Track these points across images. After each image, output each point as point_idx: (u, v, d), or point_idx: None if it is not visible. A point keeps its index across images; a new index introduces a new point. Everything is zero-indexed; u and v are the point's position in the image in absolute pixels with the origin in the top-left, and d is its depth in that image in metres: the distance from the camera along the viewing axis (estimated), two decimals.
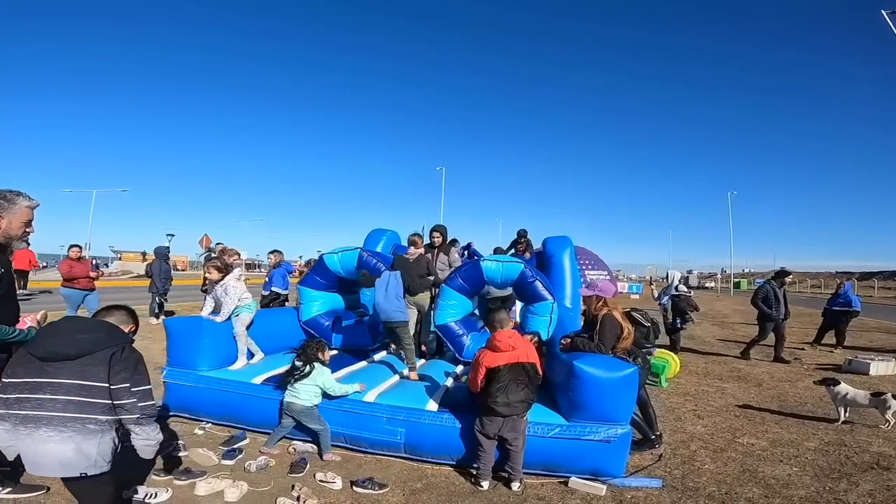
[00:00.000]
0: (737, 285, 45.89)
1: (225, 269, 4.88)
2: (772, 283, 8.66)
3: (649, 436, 4.08)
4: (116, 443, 2.18)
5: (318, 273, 5.90)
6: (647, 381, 6.52)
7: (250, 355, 4.75)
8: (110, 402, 2.11)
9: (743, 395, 6.12)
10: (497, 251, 8.15)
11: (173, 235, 29.95)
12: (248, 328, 4.75)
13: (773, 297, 8.37)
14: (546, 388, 4.02)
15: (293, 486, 3.07)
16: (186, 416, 4.35)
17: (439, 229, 6.59)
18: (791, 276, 9.92)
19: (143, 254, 37.93)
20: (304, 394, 3.76)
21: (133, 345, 2.33)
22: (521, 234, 8.58)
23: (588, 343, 3.90)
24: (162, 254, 10.69)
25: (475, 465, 3.41)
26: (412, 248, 6.16)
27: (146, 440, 2.21)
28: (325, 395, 3.85)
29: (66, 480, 2.18)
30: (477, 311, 6.56)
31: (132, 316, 2.55)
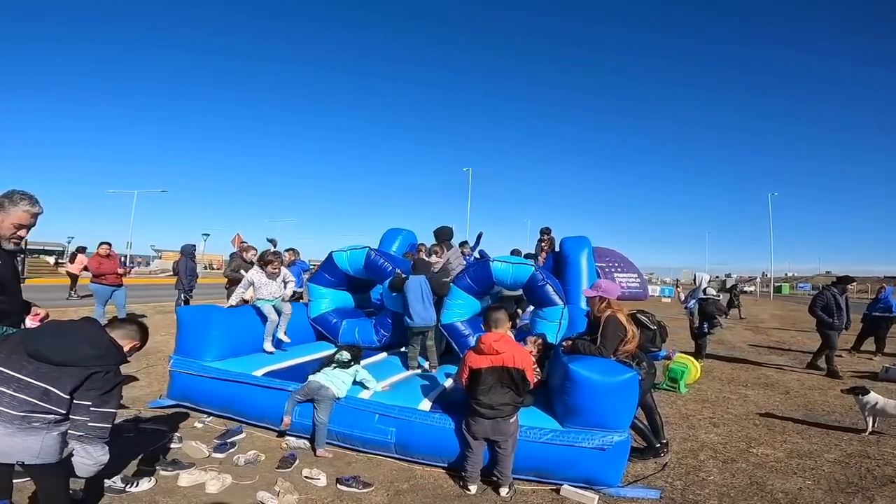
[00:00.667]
0: (778, 290, 43.95)
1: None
2: (832, 289, 7.85)
3: (654, 444, 3.89)
4: (63, 438, 2.16)
5: (326, 270, 5.93)
6: (666, 387, 6.31)
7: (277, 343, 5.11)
8: (65, 411, 2.12)
9: (767, 402, 5.81)
10: (514, 253, 8.02)
11: (208, 235, 30.91)
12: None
13: (835, 304, 7.62)
14: (546, 391, 3.90)
15: (277, 481, 3.06)
16: (189, 406, 4.42)
17: (442, 231, 6.45)
18: (855, 283, 9.04)
19: None
20: (339, 382, 3.87)
21: (122, 365, 2.34)
22: (544, 231, 8.37)
23: (589, 345, 3.75)
24: (188, 252, 10.95)
25: (465, 468, 3.33)
26: (434, 256, 6.27)
27: (84, 458, 2.17)
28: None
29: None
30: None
31: (141, 332, 2.53)
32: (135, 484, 2.85)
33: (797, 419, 5.05)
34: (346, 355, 4.13)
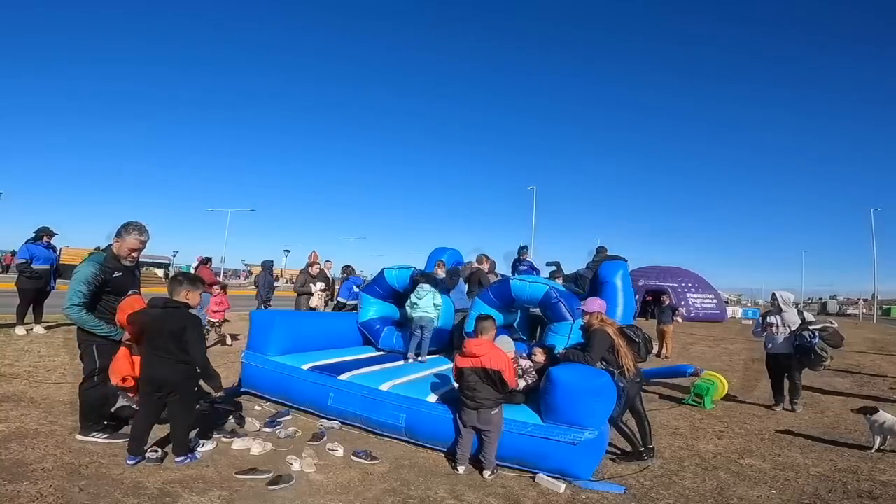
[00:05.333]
0: (886, 312, 39.13)
1: None
2: None
3: (638, 448, 4.27)
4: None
5: (377, 284, 6.88)
6: (691, 402, 6.49)
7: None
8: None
9: (792, 420, 5.84)
10: (553, 275, 8.49)
11: (290, 251, 33.57)
12: None
13: None
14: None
15: (304, 450, 3.89)
16: (254, 392, 5.42)
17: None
18: None
19: None
20: (423, 307, 5.82)
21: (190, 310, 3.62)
22: (600, 251, 8.81)
23: (578, 354, 4.29)
24: (267, 267, 12.47)
25: (455, 452, 3.96)
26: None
27: None
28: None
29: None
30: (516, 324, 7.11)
31: (189, 280, 3.69)
32: (202, 445, 3.80)
33: (811, 436, 5.12)
34: (425, 287, 5.98)
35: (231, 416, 4.58)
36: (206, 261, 10.78)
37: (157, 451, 3.54)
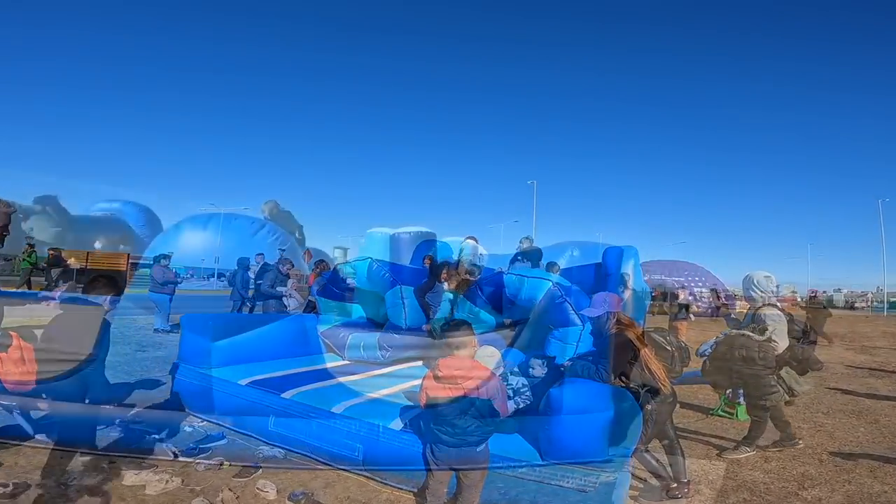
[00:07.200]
0: (892, 306, 38.08)
1: None
2: None
3: (669, 482, 3.27)
4: None
5: (333, 283, 5.86)
6: (722, 413, 5.50)
7: None
8: None
9: (846, 434, 4.84)
10: (550, 266, 7.51)
11: (284, 250, 32.52)
12: None
13: None
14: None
15: (223, 490, 2.90)
16: (188, 410, 4.41)
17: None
18: None
19: None
20: None
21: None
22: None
23: (589, 367, 3.26)
24: (243, 265, 11.49)
25: (425, 498, 2.95)
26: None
27: None
28: None
29: None
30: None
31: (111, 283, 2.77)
32: (73, 478, 2.84)
33: (876, 455, 4.14)
34: None
35: (144, 439, 3.62)
36: (159, 258, 9.72)
37: (6, 486, 2.64)
